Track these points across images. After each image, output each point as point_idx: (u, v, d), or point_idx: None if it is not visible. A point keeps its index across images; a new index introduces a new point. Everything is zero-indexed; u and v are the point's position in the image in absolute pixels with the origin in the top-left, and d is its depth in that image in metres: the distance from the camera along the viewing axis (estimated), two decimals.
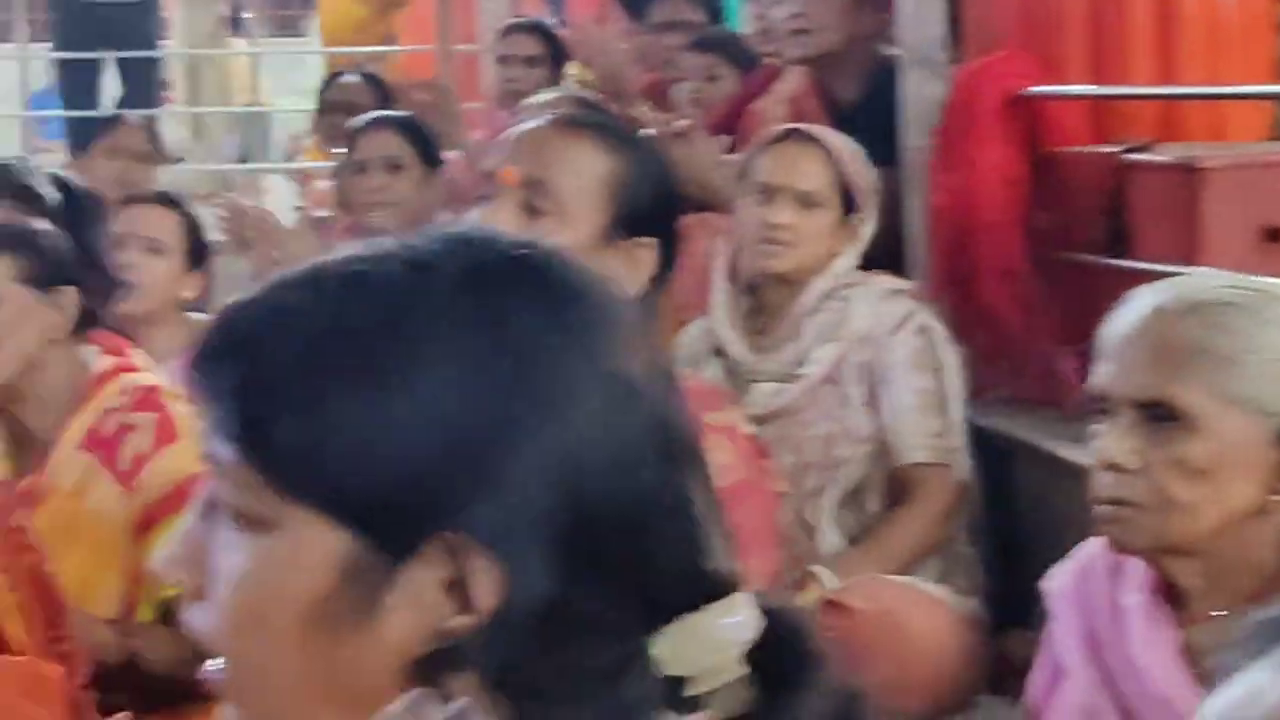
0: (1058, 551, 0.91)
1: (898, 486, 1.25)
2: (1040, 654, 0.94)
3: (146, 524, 1.10)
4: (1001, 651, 1.19)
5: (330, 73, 3.14)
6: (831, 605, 1.09)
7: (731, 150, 1.59)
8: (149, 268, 1.54)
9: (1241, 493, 0.74)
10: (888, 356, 1.24)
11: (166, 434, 1.12)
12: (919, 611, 1.13)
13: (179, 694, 1.07)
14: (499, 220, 0.80)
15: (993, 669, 1.18)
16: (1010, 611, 1.16)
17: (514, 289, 0.28)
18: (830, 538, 1.23)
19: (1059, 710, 0.93)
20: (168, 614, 1.06)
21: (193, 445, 0.98)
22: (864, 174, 1.32)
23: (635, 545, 0.27)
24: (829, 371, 1.25)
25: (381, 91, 2.55)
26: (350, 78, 2.73)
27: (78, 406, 1.12)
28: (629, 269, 0.81)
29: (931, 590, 1.18)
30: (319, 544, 0.26)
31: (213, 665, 0.29)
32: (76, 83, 4.02)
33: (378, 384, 0.26)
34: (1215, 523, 0.74)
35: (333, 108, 2.57)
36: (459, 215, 1.29)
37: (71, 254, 1.17)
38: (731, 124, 1.81)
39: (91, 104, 3.81)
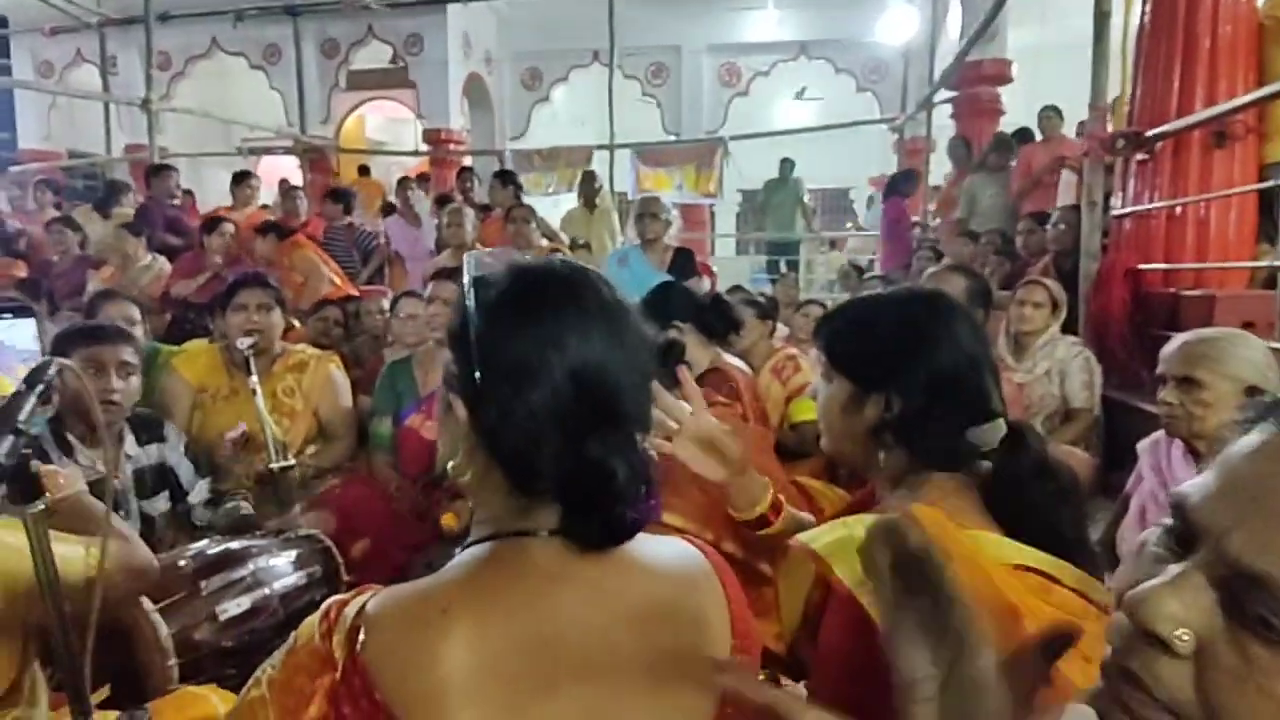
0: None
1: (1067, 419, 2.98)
2: (1131, 477, 2.52)
3: None
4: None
5: None
6: None
7: None
8: None
9: None
10: (1070, 366, 2.97)
11: None
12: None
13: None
14: None
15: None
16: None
17: None
18: None
19: (1137, 497, 2.51)
20: None
21: None
22: (1063, 294, 3.07)
23: (962, 397, 0.93)
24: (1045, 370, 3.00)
25: None
26: None
27: None
28: None
29: None
30: (846, 387, 1.00)
31: None
32: None
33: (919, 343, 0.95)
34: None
35: None
36: None
37: None
38: None
39: None
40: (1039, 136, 5.54)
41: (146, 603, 1.58)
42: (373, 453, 2.70)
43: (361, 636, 0.60)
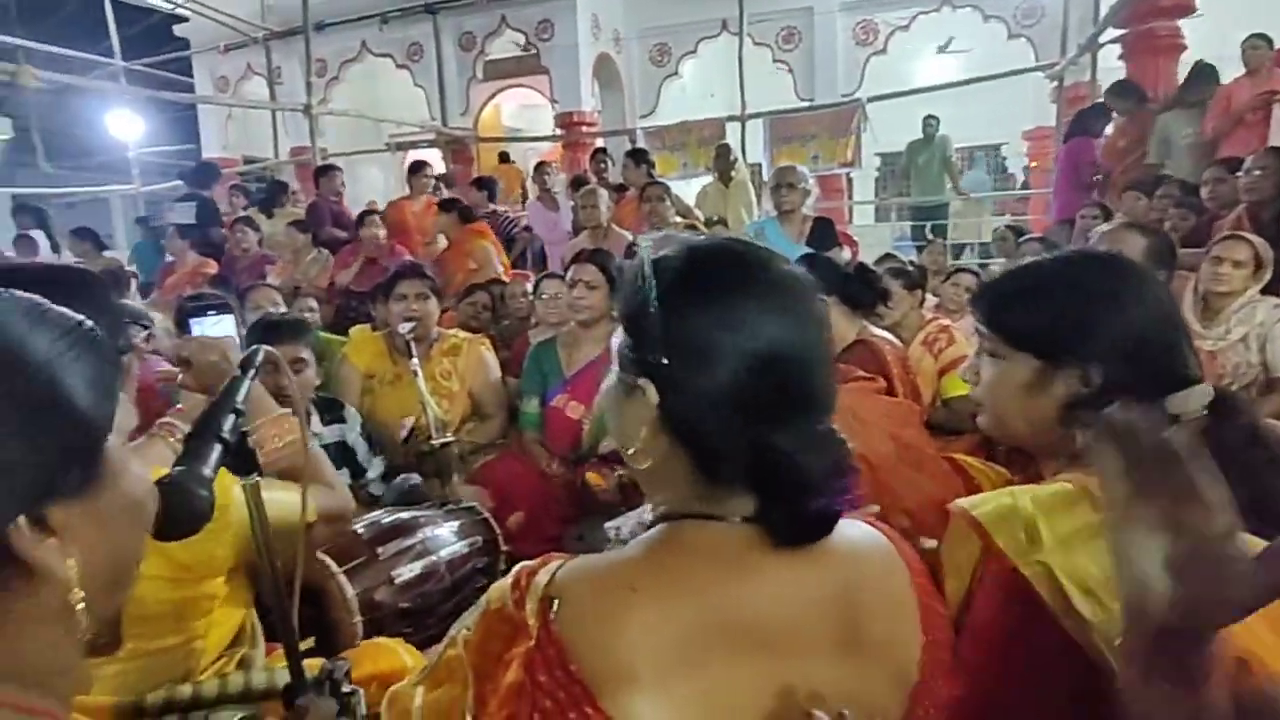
0: None
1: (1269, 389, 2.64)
2: None
3: None
4: None
5: None
6: None
7: None
8: None
9: None
10: (1273, 331, 2.63)
11: None
12: None
13: None
14: None
15: None
16: None
17: None
18: None
19: None
20: None
21: None
22: (1269, 252, 2.70)
23: (1160, 363, 0.84)
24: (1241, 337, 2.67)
25: None
26: None
27: None
28: None
29: None
30: (1027, 363, 0.91)
31: None
32: None
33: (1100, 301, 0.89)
34: None
35: None
36: None
37: None
38: None
39: None
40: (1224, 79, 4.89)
41: (333, 564, 1.74)
42: (522, 431, 2.82)
43: (554, 607, 0.62)
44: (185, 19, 10.64)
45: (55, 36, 9.38)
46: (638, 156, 5.38)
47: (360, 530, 1.87)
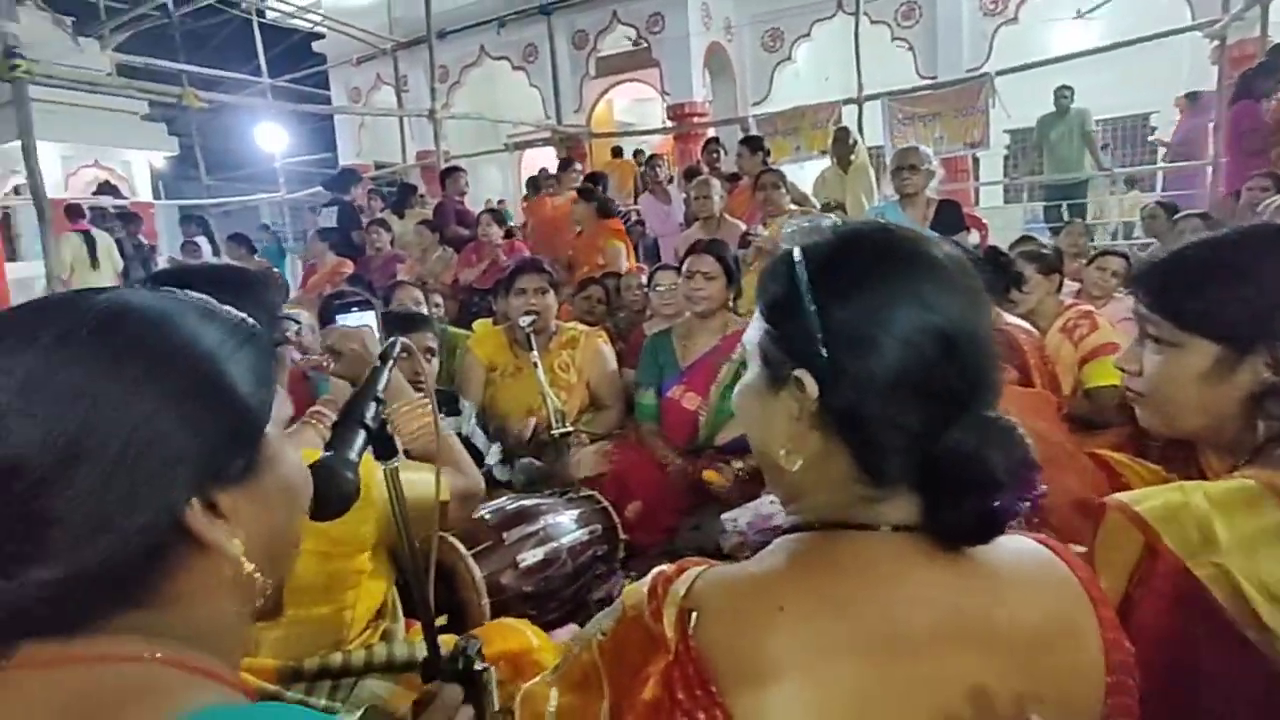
0: None
1: None
2: None
3: None
4: None
5: None
6: None
7: None
8: None
9: None
10: None
11: None
12: None
13: None
14: None
15: None
16: None
17: None
18: None
19: None
20: None
21: None
22: None
23: None
24: None
25: None
26: None
27: None
28: None
29: None
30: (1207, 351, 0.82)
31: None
32: None
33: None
34: None
35: None
36: None
37: None
38: None
39: None
40: None
41: (461, 547, 1.83)
42: (639, 422, 2.85)
43: (693, 620, 0.60)
44: (322, 35, 11.40)
45: (212, 61, 10.29)
46: (753, 144, 5.29)
47: (486, 516, 1.95)
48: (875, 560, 0.62)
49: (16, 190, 10.00)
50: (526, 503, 2.08)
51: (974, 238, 3.64)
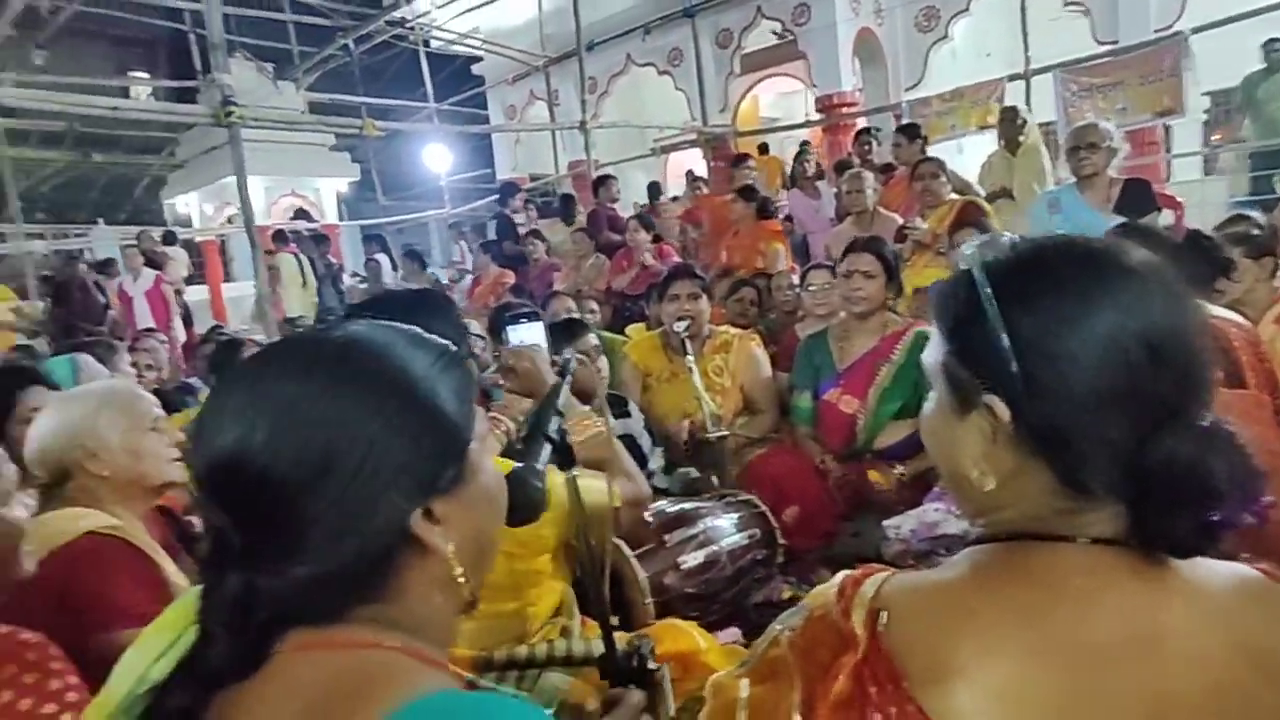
0: None
1: None
2: None
3: None
4: None
5: None
6: None
7: None
8: None
9: None
10: None
11: None
12: None
13: None
14: None
15: None
16: None
17: None
18: None
19: None
20: None
21: None
22: None
23: None
24: None
25: None
26: None
27: None
28: None
29: None
30: None
31: None
32: None
33: None
34: None
35: None
36: None
37: None
38: None
39: None
40: None
41: (626, 548, 1.90)
42: (794, 426, 2.82)
43: (882, 620, 0.61)
44: (481, 58, 12.11)
45: (385, 91, 11.23)
46: (909, 132, 5.07)
47: (648, 519, 2.01)
48: (1071, 572, 0.61)
49: (230, 219, 11.41)
50: (686, 506, 2.13)
51: (1167, 218, 3.29)
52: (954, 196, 4.12)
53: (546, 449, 0.90)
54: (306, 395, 0.59)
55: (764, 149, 9.63)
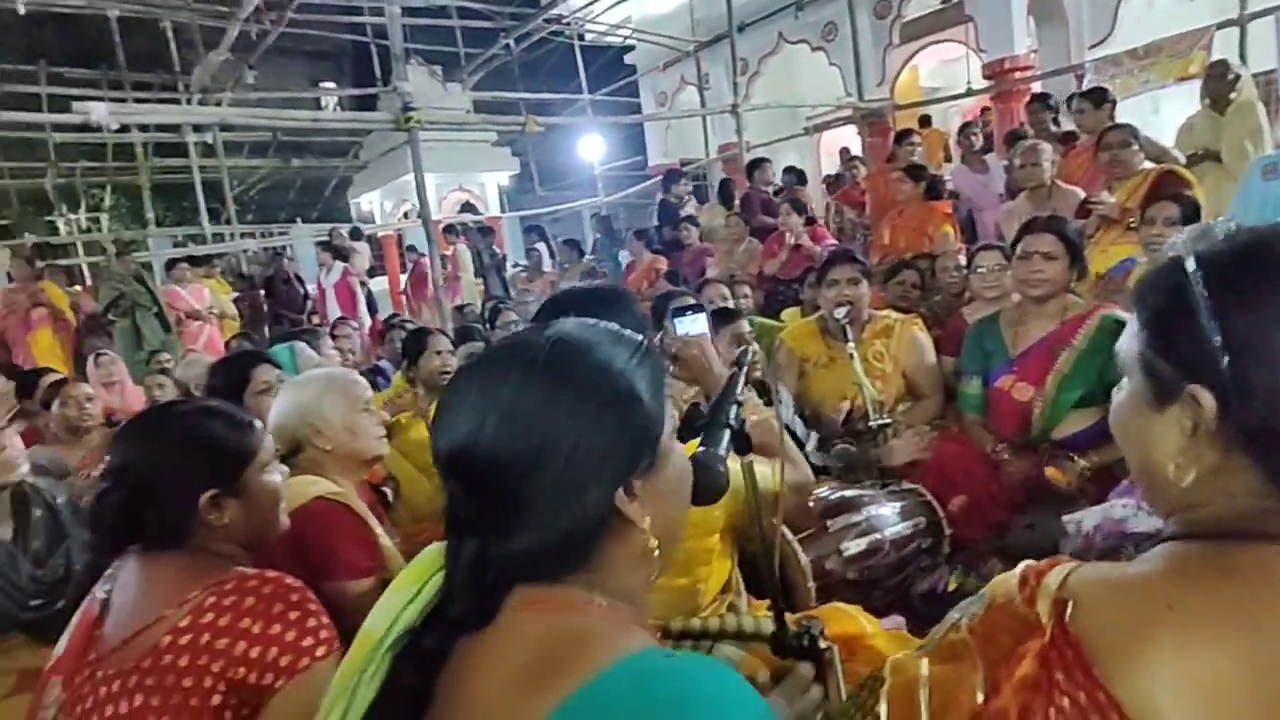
0: None
1: None
2: None
3: None
4: None
5: None
6: None
7: None
8: None
9: None
10: None
11: None
12: None
13: None
14: None
15: None
16: None
17: None
18: None
19: None
20: None
21: None
22: None
23: None
24: None
25: None
26: None
27: None
28: None
29: None
30: None
31: None
32: None
33: None
34: None
35: None
36: None
37: None
38: None
39: None
40: None
41: (788, 532, 1.93)
42: (962, 413, 2.72)
43: (1070, 609, 0.62)
44: (633, 48, 12.31)
45: (542, 86, 11.69)
46: (1095, 97, 4.62)
47: (809, 504, 2.03)
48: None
49: (405, 215, 12.36)
50: (848, 493, 2.13)
51: None
52: (1148, 165, 3.75)
53: (726, 435, 0.96)
54: (526, 395, 0.69)
55: (925, 121, 9.16)
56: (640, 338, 0.77)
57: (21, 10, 7.15)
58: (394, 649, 0.71)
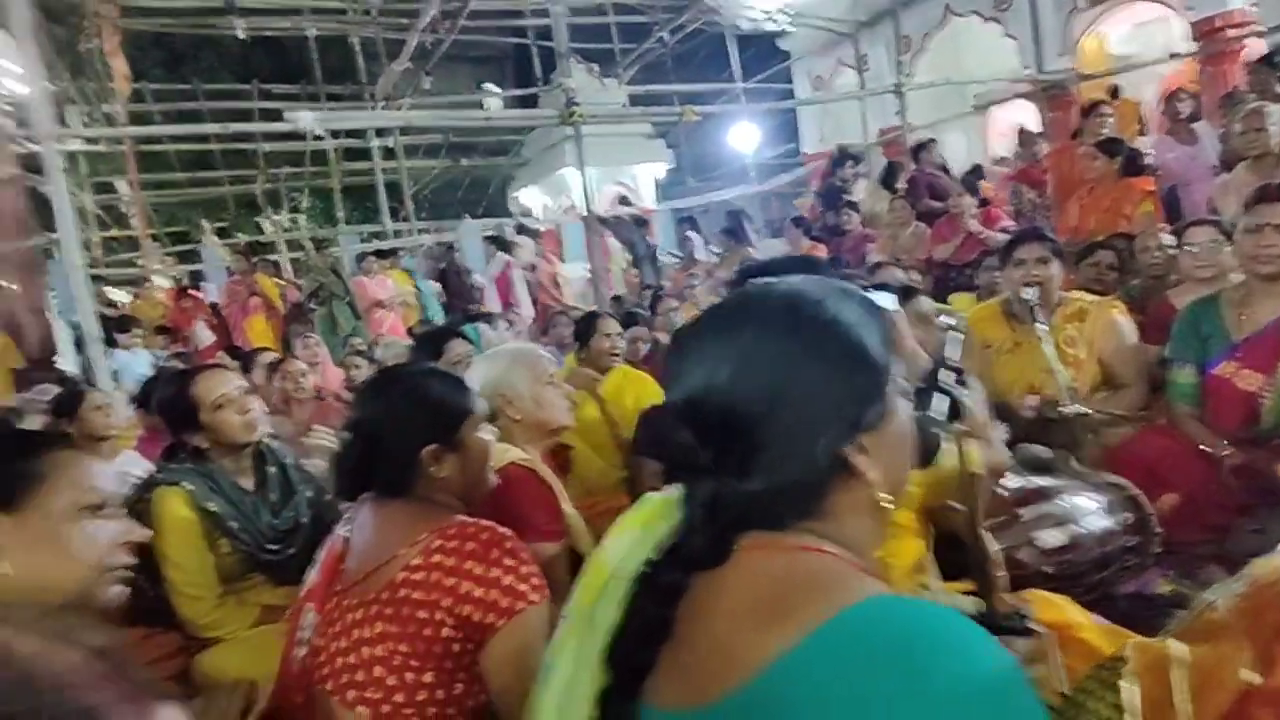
0: None
1: None
2: None
3: None
4: None
5: None
6: None
7: None
8: None
9: None
10: None
11: None
12: None
13: None
14: None
15: None
16: None
17: None
18: None
19: None
20: None
21: None
22: None
23: None
24: None
25: None
26: None
27: None
28: None
29: None
30: None
31: None
32: None
33: None
34: None
35: None
36: None
37: None
38: None
39: None
40: None
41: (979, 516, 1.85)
42: (1172, 404, 2.47)
43: None
44: (787, 33, 12.08)
45: (695, 77, 11.73)
46: None
47: (1004, 492, 1.93)
48: None
49: (564, 210, 12.83)
50: (1043, 483, 1.99)
51: None
52: None
53: (941, 400, 0.94)
54: (762, 345, 0.71)
55: (1114, 92, 8.35)
56: (865, 294, 0.77)
57: (241, 35, 8.06)
58: (633, 583, 0.76)
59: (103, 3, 7.78)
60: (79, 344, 5.28)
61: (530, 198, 14.10)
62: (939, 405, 0.93)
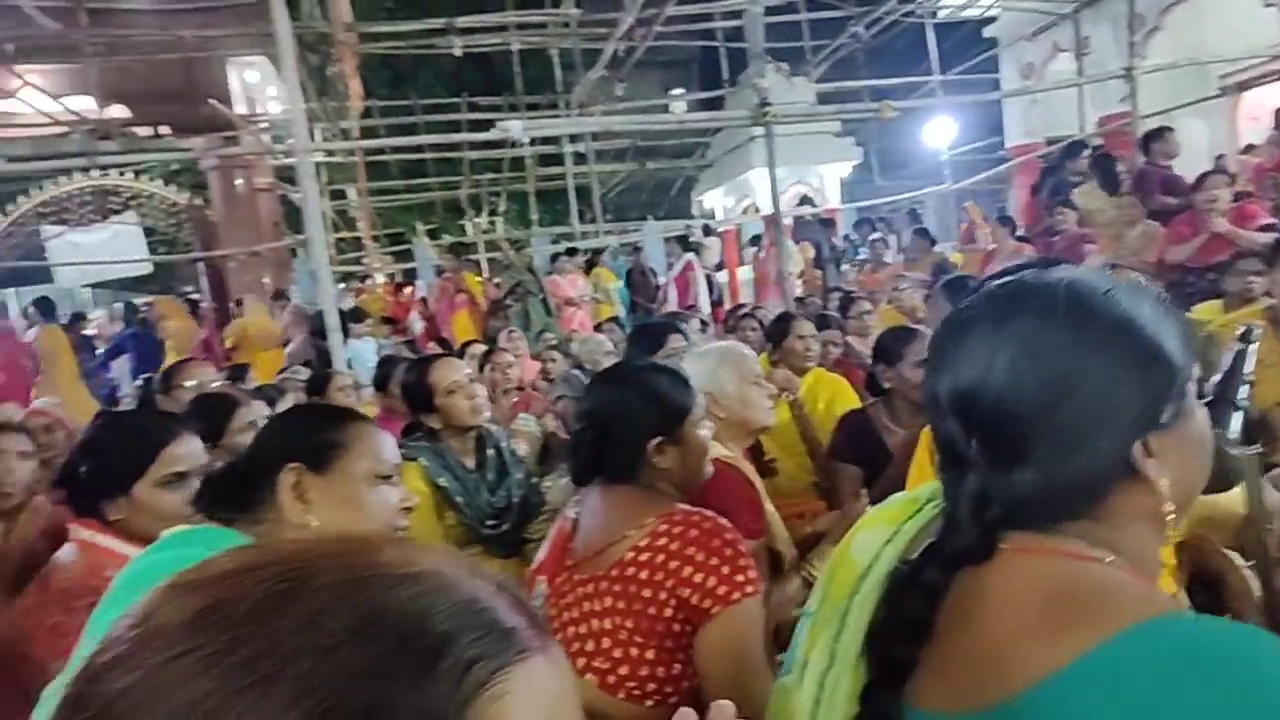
0: None
1: None
2: None
3: None
4: None
5: None
6: None
7: None
8: None
9: None
10: None
11: None
12: None
13: None
14: None
15: None
16: None
17: None
18: None
19: None
20: None
21: None
22: None
23: None
24: None
25: None
26: None
27: None
28: None
29: None
30: None
31: None
32: None
33: None
34: None
35: None
36: None
37: None
38: None
39: None
40: None
41: (1237, 557, 1.64)
42: None
43: None
44: (994, 19, 11.27)
45: (888, 70, 11.24)
46: None
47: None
48: None
49: (745, 211, 12.79)
50: None
51: None
52: None
53: (1237, 417, 0.84)
54: (1045, 335, 0.67)
55: None
56: (1160, 294, 0.72)
57: (457, 53, 8.79)
58: (887, 581, 0.75)
59: (346, 31, 8.80)
60: (317, 333, 6.02)
61: (714, 199, 14.21)
62: (1235, 424, 0.84)
